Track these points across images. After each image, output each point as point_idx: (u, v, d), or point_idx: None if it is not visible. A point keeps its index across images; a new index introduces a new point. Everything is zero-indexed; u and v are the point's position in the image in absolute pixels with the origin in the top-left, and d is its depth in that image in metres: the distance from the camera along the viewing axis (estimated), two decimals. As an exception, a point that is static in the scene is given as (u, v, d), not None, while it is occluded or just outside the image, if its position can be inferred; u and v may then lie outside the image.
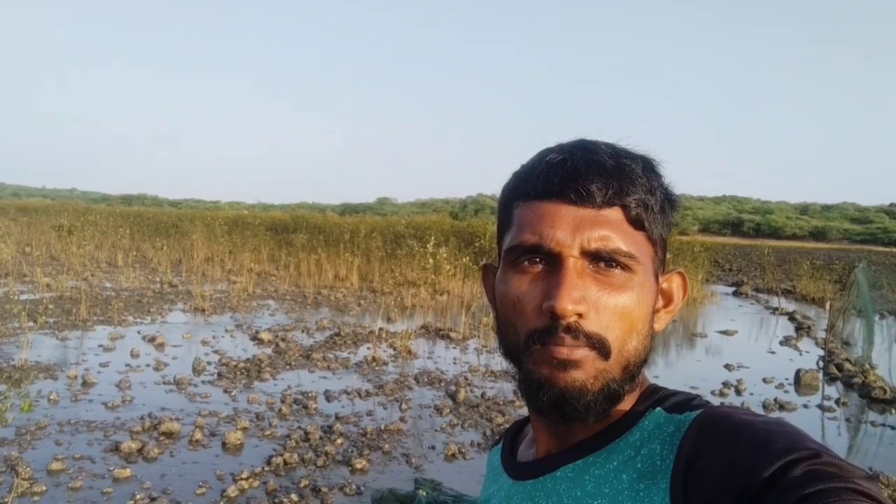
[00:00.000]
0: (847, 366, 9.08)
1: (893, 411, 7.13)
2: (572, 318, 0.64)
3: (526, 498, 0.73)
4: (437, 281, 13.60)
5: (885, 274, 17.51)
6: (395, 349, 9.03)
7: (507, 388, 7.35)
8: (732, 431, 0.59)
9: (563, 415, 0.67)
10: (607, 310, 0.65)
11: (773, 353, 10.40)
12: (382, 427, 5.79)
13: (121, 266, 17.83)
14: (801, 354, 10.25)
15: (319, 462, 4.94)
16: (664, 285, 0.74)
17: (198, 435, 5.31)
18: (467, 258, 15.05)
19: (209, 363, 7.71)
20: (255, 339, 9.27)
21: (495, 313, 0.74)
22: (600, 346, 0.65)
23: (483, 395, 6.95)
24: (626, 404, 0.70)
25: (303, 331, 10.12)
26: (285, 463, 4.87)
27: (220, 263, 18.90)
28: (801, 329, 12.64)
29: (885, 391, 7.67)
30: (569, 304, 0.63)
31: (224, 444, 5.23)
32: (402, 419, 6.09)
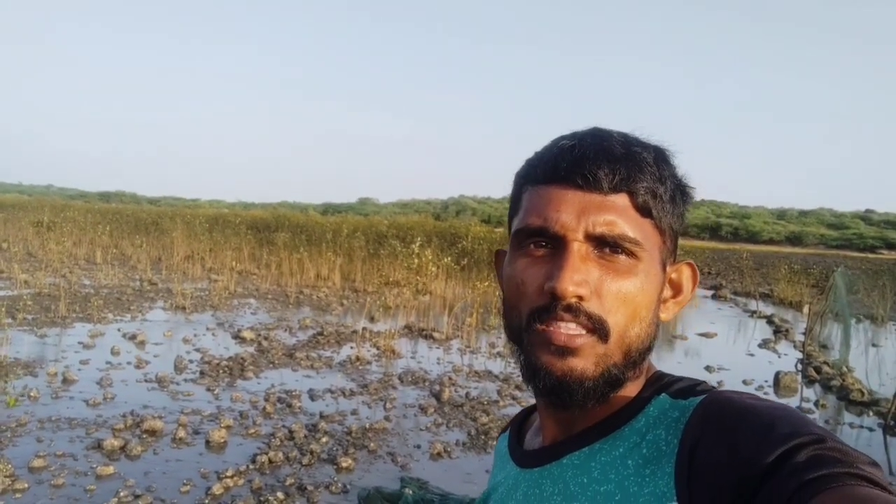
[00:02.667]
0: (825, 368, 9.21)
1: (871, 413, 7.25)
2: (573, 300, 0.64)
3: (533, 485, 0.74)
4: (420, 281, 13.58)
5: (862, 279, 17.78)
6: (378, 349, 9.02)
7: (491, 387, 7.36)
8: (736, 415, 0.59)
9: (561, 400, 0.67)
10: (609, 294, 0.66)
11: (752, 355, 10.52)
12: (367, 426, 5.78)
13: (99, 263, 17.61)
14: (779, 357, 10.39)
15: (305, 460, 4.92)
16: (673, 275, 0.74)
17: (181, 433, 5.27)
18: (450, 259, 15.05)
19: (191, 361, 7.65)
20: (238, 337, 9.21)
21: (503, 297, 0.75)
22: (600, 328, 0.65)
23: (467, 394, 6.95)
24: (632, 391, 0.70)
25: (285, 330, 10.08)
26: (270, 461, 4.84)
27: (201, 262, 18.74)
28: (780, 332, 12.80)
29: (862, 394, 7.80)
30: (570, 285, 0.63)
31: (208, 442, 5.19)
32: (386, 418, 6.08)
